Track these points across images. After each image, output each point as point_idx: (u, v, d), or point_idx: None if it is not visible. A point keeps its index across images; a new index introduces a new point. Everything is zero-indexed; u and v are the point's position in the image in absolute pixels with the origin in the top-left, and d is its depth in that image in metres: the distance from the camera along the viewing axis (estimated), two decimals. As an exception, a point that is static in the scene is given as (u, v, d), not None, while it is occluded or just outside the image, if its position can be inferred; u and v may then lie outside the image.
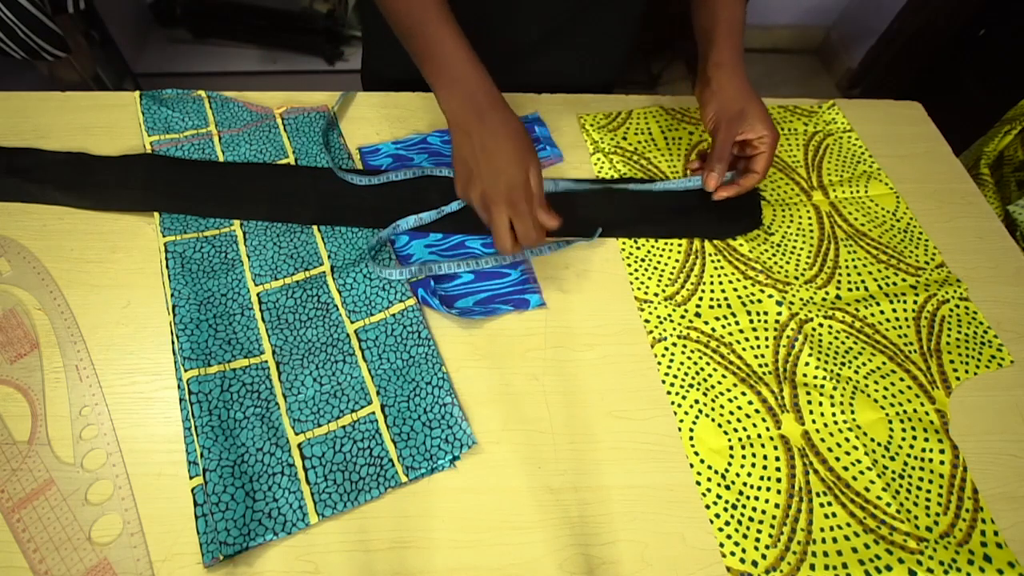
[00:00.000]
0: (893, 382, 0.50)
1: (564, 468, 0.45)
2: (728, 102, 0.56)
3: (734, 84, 0.56)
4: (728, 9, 0.57)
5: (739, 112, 0.55)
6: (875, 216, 0.62)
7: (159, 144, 0.60)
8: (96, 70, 1.31)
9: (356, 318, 0.50)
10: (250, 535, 0.40)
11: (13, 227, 0.54)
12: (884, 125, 0.70)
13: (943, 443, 0.47)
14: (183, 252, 0.53)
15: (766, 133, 0.55)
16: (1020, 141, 0.85)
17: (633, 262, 0.56)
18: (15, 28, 0.96)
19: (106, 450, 0.43)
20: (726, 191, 0.57)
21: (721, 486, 0.45)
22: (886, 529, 0.43)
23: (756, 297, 0.55)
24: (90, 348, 0.48)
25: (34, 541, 0.39)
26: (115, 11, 1.45)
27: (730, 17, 0.57)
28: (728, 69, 0.56)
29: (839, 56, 1.91)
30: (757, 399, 0.49)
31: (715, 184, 0.57)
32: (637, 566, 0.41)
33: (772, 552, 0.42)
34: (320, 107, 0.64)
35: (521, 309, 0.52)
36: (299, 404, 0.46)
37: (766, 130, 0.55)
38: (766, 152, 0.55)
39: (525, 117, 0.66)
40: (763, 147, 0.55)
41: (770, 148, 0.55)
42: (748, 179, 0.57)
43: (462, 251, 0.56)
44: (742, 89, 0.56)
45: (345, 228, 0.56)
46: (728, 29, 0.57)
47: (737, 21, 0.58)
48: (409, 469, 0.43)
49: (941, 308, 0.55)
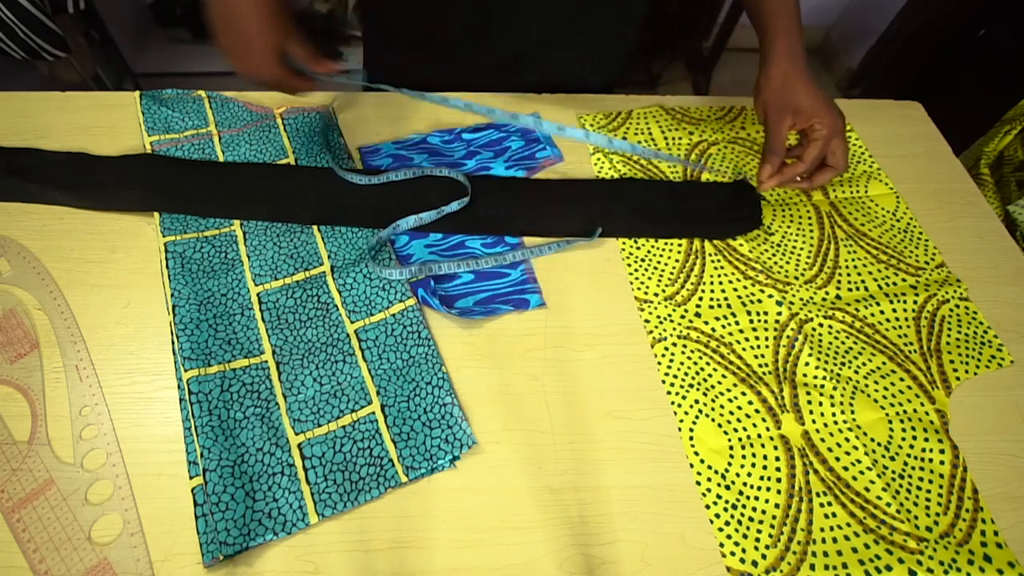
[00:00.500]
0: (893, 382, 0.50)
1: (564, 468, 0.45)
2: (774, 93, 0.54)
3: (780, 73, 0.54)
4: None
5: (784, 103, 0.53)
6: (875, 216, 0.62)
7: (159, 144, 0.60)
8: (96, 70, 1.31)
9: (356, 318, 0.50)
10: (250, 535, 0.40)
11: (13, 227, 0.54)
12: (884, 125, 0.70)
13: (943, 443, 0.47)
14: (183, 252, 0.53)
15: (817, 120, 0.52)
16: (1020, 141, 0.85)
17: (633, 262, 0.56)
18: (15, 28, 0.96)
19: (106, 450, 0.43)
20: (773, 180, 0.55)
21: (721, 486, 0.45)
22: (886, 529, 0.43)
23: (756, 297, 0.55)
24: (90, 348, 0.48)
25: (34, 541, 0.39)
26: (115, 11, 1.45)
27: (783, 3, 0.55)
28: (774, 59, 0.55)
29: (839, 56, 1.91)
30: (757, 399, 0.49)
31: (767, 176, 0.55)
32: (637, 566, 0.41)
33: (772, 552, 0.42)
34: (320, 107, 0.64)
35: (521, 309, 0.52)
36: (299, 404, 0.46)
37: (819, 116, 0.52)
38: (820, 141, 0.53)
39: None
40: (816, 135, 0.53)
41: (826, 136, 0.53)
42: (791, 168, 0.55)
43: (462, 251, 0.56)
44: (789, 78, 0.54)
45: (345, 228, 0.56)
46: (776, 16, 0.55)
47: (790, 8, 0.55)
48: (409, 469, 0.43)
49: (941, 308, 0.55)
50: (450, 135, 0.64)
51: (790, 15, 0.56)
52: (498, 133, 0.64)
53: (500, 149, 0.63)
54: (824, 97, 0.54)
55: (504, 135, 0.64)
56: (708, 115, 0.69)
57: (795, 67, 0.54)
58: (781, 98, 0.54)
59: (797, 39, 0.55)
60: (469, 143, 0.63)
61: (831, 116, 0.53)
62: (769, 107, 0.55)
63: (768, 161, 0.55)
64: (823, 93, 0.54)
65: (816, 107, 0.53)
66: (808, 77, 0.54)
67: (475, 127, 0.65)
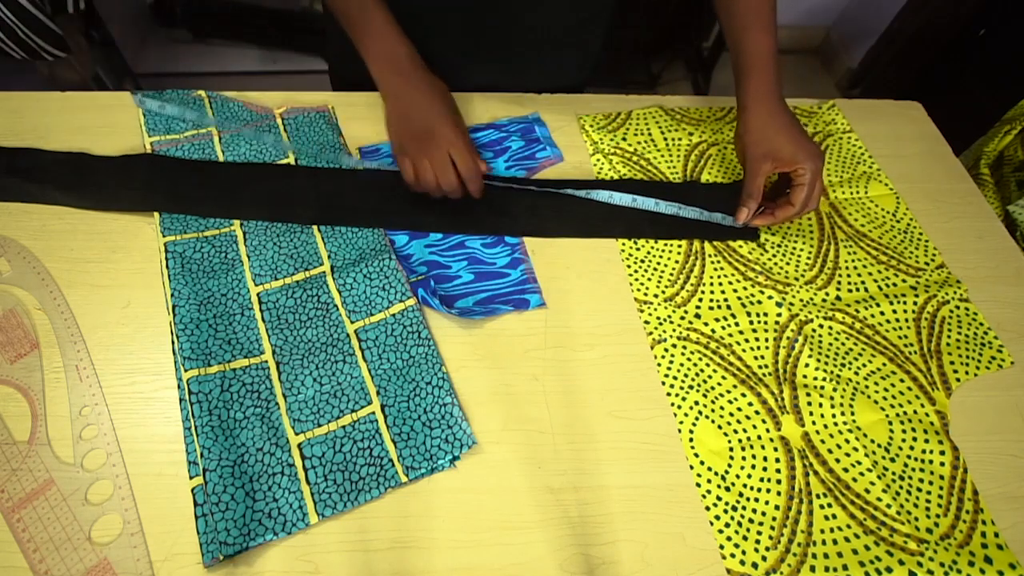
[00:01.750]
0: (893, 383, 0.50)
1: (564, 468, 0.45)
2: (753, 141, 0.55)
3: (758, 122, 0.55)
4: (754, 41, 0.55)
5: (764, 152, 0.54)
6: (875, 217, 0.62)
7: (159, 144, 0.60)
8: (96, 70, 1.31)
9: (356, 318, 0.50)
10: (250, 535, 0.40)
11: (13, 227, 0.54)
12: (884, 125, 0.70)
13: (943, 444, 0.47)
14: (183, 252, 0.53)
15: (801, 165, 0.53)
16: (1020, 141, 0.85)
17: (633, 263, 0.56)
18: (15, 28, 0.96)
19: (106, 450, 0.43)
20: (761, 220, 0.56)
21: (721, 488, 0.45)
22: (886, 531, 0.43)
23: (756, 298, 0.55)
24: (90, 348, 0.48)
25: (34, 541, 0.39)
26: (115, 11, 1.45)
27: (756, 49, 0.55)
28: (752, 107, 0.55)
29: (839, 56, 1.91)
30: (757, 400, 0.49)
31: (744, 219, 0.56)
32: (637, 566, 0.41)
33: (772, 554, 0.42)
34: (320, 107, 0.64)
35: (521, 309, 0.52)
36: (299, 404, 0.46)
37: (802, 162, 0.53)
38: (804, 185, 0.53)
39: (525, 117, 0.66)
40: (800, 179, 0.53)
41: (809, 181, 0.53)
42: (783, 211, 0.55)
43: (462, 251, 0.56)
44: (768, 125, 0.54)
45: (345, 228, 0.56)
46: (752, 61, 0.55)
47: (763, 53, 0.55)
48: (409, 469, 0.43)
49: (941, 309, 0.55)
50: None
51: (767, 53, 0.55)
52: (498, 133, 0.64)
53: (500, 149, 0.63)
54: (803, 139, 0.54)
55: (504, 135, 0.64)
56: (708, 115, 0.69)
57: (772, 113, 0.55)
58: (761, 146, 0.55)
59: (775, 79, 0.55)
60: (469, 143, 0.63)
61: (811, 160, 0.53)
62: (748, 154, 0.55)
63: (745, 204, 0.56)
64: (802, 134, 0.54)
65: (797, 153, 0.53)
66: (786, 121, 0.55)
67: (475, 127, 0.65)
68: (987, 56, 1.49)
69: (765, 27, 0.56)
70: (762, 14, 0.56)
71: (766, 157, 0.54)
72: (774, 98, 0.55)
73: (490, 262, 0.55)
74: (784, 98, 0.56)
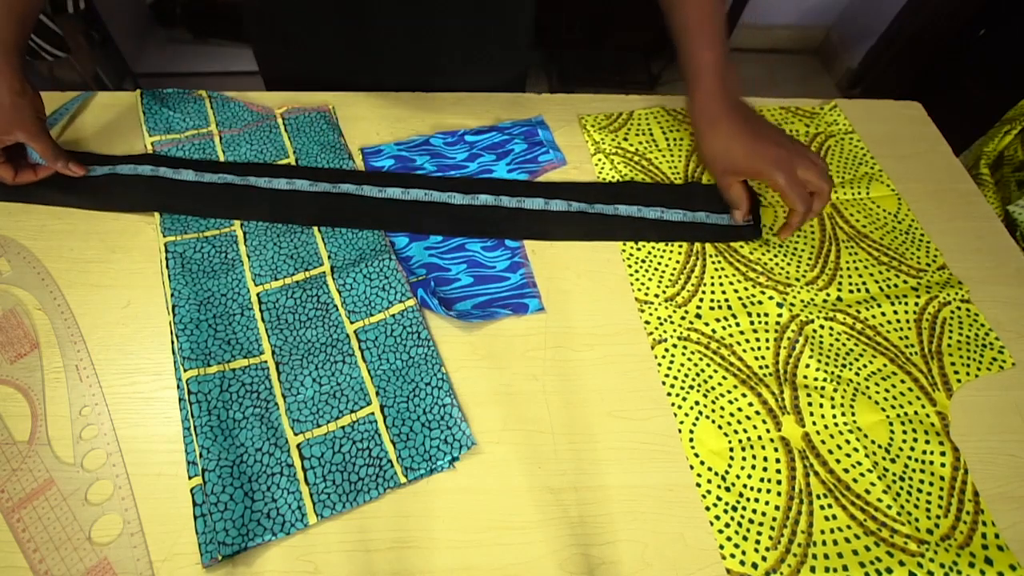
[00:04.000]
0: (894, 384, 0.50)
1: (564, 468, 0.45)
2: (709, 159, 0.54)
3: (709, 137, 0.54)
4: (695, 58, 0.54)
5: (723, 168, 0.54)
6: (876, 218, 0.61)
7: (159, 144, 0.60)
8: (96, 70, 1.31)
9: (356, 318, 0.50)
10: (248, 535, 0.40)
11: (13, 227, 0.54)
12: (884, 125, 0.70)
13: (944, 445, 0.47)
14: (183, 252, 0.53)
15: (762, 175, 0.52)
16: (1020, 141, 0.85)
17: (633, 263, 0.56)
18: (15, 28, 0.95)
19: (106, 450, 0.43)
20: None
21: (721, 488, 0.45)
22: (887, 531, 0.43)
23: (757, 299, 0.55)
24: (90, 348, 0.48)
25: (34, 541, 0.39)
26: (115, 11, 1.45)
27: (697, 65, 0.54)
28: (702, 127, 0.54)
29: (839, 56, 1.91)
30: (757, 401, 0.49)
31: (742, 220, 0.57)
32: (637, 566, 0.41)
33: (772, 554, 0.42)
34: (321, 107, 0.64)
35: (520, 313, 0.52)
36: (298, 404, 0.46)
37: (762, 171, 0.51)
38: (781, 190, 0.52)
39: (529, 120, 0.66)
40: (775, 187, 0.52)
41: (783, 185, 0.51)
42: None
43: (462, 254, 0.56)
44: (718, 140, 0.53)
45: (345, 228, 0.56)
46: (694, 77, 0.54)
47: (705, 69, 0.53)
48: (408, 470, 0.43)
49: (942, 310, 0.55)
50: (453, 137, 0.64)
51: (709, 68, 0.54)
52: (501, 136, 0.64)
53: (503, 152, 0.63)
54: (758, 144, 0.52)
55: (507, 138, 0.64)
56: (709, 116, 0.69)
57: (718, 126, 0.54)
58: (718, 163, 0.55)
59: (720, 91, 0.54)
60: (472, 145, 0.63)
61: (770, 166, 0.51)
62: (712, 172, 0.56)
63: (733, 215, 0.57)
64: (756, 138, 0.53)
65: (752, 163, 0.52)
66: (736, 130, 0.53)
67: (477, 129, 0.65)
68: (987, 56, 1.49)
69: (706, 43, 0.54)
70: (704, 29, 0.55)
71: (726, 172, 0.55)
72: (721, 111, 0.54)
73: (490, 265, 0.55)
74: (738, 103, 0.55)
